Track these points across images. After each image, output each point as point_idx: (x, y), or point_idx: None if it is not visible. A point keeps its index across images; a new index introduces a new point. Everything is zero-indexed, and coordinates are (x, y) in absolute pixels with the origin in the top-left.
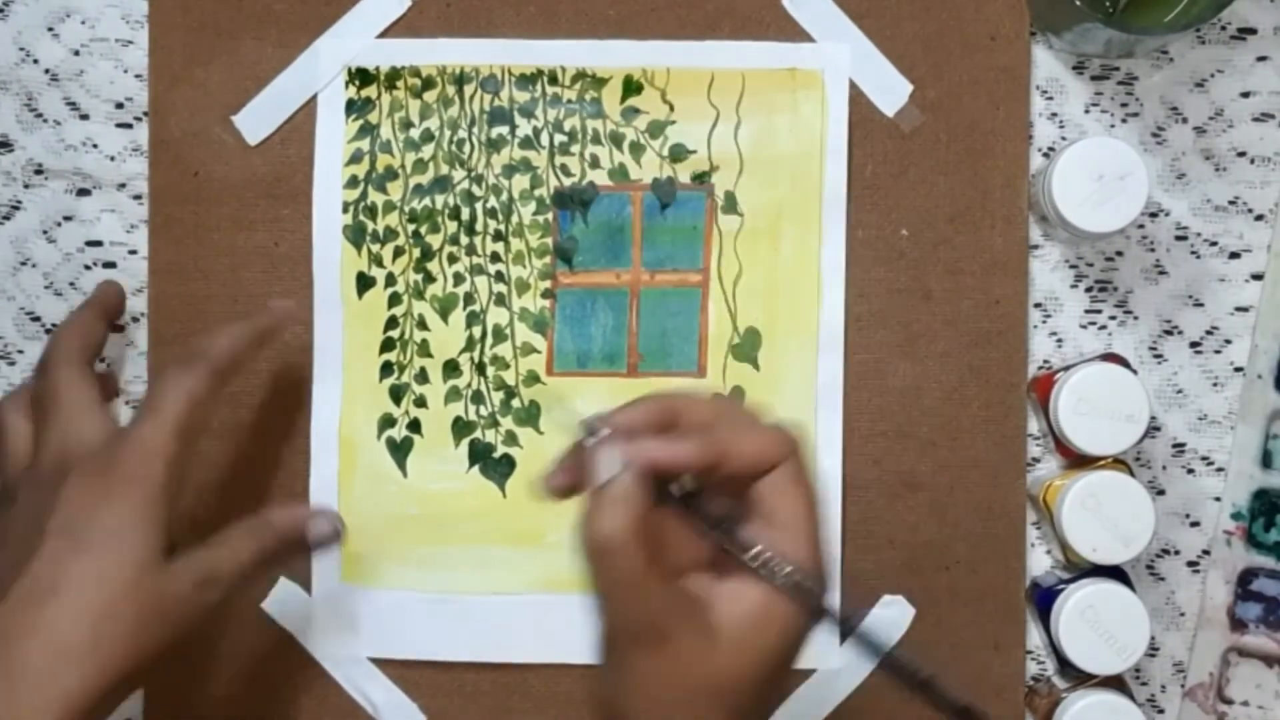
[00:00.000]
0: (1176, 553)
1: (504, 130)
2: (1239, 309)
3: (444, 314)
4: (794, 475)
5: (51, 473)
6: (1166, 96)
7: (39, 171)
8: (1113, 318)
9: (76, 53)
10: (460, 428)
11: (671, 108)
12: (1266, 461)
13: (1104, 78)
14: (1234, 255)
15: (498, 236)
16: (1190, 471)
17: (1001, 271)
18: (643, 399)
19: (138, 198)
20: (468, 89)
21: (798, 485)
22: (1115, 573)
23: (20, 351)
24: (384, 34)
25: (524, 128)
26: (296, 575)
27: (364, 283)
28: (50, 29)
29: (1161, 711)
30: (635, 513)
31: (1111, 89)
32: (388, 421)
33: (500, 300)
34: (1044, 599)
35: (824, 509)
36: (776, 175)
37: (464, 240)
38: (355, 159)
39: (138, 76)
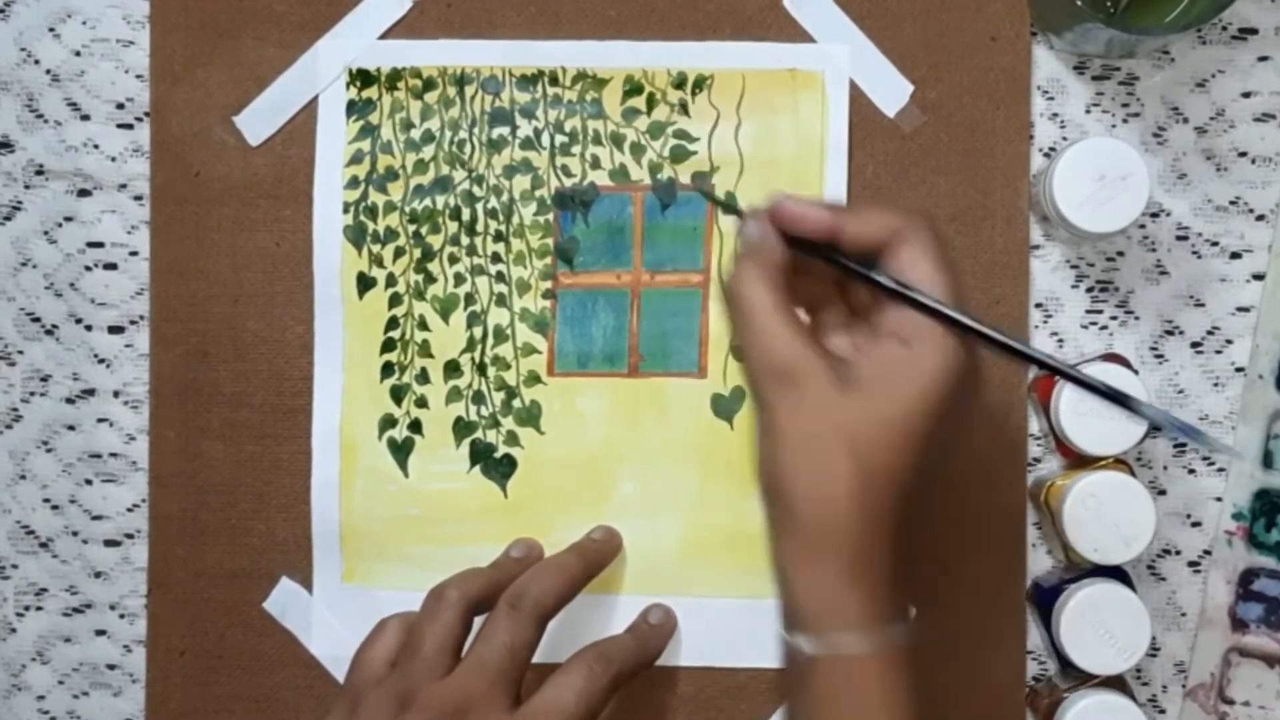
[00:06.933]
0: (1177, 553)
1: (505, 131)
2: (1240, 309)
3: (445, 314)
4: (909, 254)
5: (395, 701)
6: (1167, 97)
7: (40, 172)
8: (1114, 318)
9: (77, 53)
10: (461, 428)
11: (672, 108)
12: (1267, 461)
13: (1105, 78)
14: (1235, 255)
15: (498, 237)
16: (1191, 471)
17: (1002, 272)
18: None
19: (139, 198)
20: (469, 90)
21: (914, 263)
22: (1116, 573)
23: (20, 352)
24: (385, 35)
25: (525, 128)
26: (297, 575)
27: (364, 283)
28: (51, 29)
29: (1163, 712)
30: (770, 260)
31: (1112, 89)
32: (389, 422)
33: (501, 301)
34: (1045, 599)
35: (953, 285)
36: (777, 176)
37: (465, 241)
38: (356, 160)
39: (139, 77)
